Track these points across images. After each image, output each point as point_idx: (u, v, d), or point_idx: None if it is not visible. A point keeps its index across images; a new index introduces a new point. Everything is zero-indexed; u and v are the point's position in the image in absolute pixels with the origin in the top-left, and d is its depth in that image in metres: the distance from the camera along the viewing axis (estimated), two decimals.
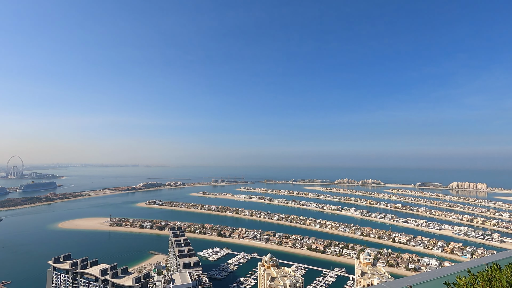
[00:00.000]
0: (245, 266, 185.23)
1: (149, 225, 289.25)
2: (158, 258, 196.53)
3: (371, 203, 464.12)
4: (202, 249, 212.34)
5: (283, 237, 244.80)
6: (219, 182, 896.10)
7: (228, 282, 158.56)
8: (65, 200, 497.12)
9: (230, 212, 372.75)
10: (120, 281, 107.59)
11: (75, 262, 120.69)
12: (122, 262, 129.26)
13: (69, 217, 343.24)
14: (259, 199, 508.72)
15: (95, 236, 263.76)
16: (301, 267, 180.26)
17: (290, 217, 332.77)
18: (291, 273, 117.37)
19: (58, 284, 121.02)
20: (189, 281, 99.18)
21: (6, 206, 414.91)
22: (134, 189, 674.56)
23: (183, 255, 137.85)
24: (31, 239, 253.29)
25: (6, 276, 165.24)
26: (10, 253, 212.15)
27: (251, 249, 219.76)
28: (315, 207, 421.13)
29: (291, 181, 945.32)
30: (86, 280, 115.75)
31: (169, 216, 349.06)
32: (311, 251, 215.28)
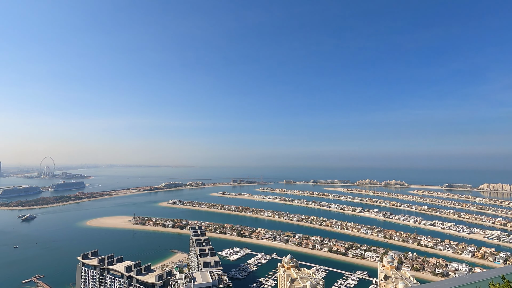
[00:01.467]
0: (264, 266, 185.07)
1: (171, 224, 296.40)
2: (179, 257, 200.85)
3: (394, 204, 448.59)
4: (222, 248, 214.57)
5: (303, 238, 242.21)
6: (239, 183, 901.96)
7: (248, 282, 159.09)
8: (93, 199, 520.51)
9: (249, 212, 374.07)
10: (143, 278, 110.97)
11: (102, 259, 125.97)
12: (145, 259, 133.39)
13: (96, 215, 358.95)
14: (279, 200, 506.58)
15: (120, 234, 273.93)
16: (321, 269, 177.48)
17: (310, 218, 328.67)
18: (312, 275, 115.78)
19: (87, 279, 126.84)
20: (209, 280, 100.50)
21: (40, 204, 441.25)
22: (156, 188, 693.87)
23: (204, 254, 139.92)
24: (61, 235, 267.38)
25: (40, 270, 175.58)
26: (43, 249, 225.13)
27: (271, 249, 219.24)
28: (335, 208, 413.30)
29: (311, 181, 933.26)
30: (112, 276, 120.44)
31: (190, 215, 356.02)
32: (332, 253, 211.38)
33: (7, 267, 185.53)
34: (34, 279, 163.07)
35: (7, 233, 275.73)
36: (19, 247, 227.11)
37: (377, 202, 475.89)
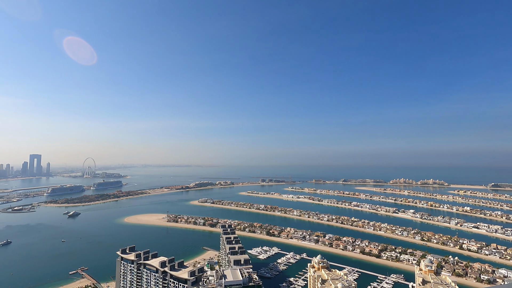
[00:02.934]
0: (294, 266, 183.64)
1: (201, 222, 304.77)
2: (210, 254, 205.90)
3: (432, 205, 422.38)
4: (252, 247, 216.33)
5: (334, 238, 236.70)
6: (267, 182, 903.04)
7: (277, 282, 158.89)
8: (129, 197, 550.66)
9: (278, 212, 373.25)
10: (177, 273, 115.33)
11: (139, 254, 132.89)
12: (178, 256, 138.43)
13: (133, 212, 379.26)
14: (308, 199, 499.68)
15: (154, 230, 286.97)
16: (353, 271, 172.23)
17: (341, 218, 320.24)
18: (343, 276, 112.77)
19: (125, 273, 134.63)
20: (240, 278, 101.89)
21: (83, 202, 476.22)
22: (187, 187, 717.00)
23: (234, 252, 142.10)
24: (102, 231, 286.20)
25: (84, 262, 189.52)
26: (86, 243, 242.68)
27: (300, 249, 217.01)
28: (368, 209, 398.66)
29: (341, 181, 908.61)
30: (148, 270, 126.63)
31: (220, 214, 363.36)
32: (364, 254, 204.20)
33: (56, 258, 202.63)
34: (80, 271, 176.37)
35: (56, 227, 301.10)
36: (66, 241, 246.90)
37: (413, 203, 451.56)
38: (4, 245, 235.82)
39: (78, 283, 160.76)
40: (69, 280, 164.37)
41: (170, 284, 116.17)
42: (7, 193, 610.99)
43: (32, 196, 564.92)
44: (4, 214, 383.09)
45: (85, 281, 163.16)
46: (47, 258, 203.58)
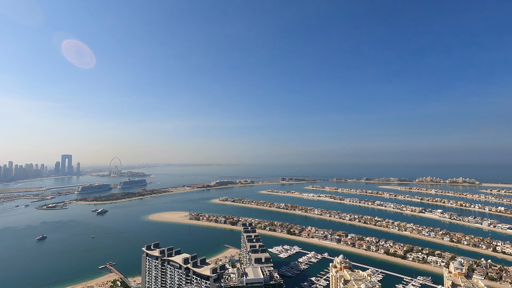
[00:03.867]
0: (315, 265, 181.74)
1: (222, 220, 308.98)
2: (231, 252, 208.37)
3: (462, 205, 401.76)
4: (272, 245, 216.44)
5: (356, 238, 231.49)
6: (287, 180, 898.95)
7: (299, 281, 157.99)
8: (153, 195, 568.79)
9: (299, 211, 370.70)
10: (199, 270, 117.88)
11: (163, 250, 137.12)
12: (200, 253, 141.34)
13: (157, 210, 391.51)
14: (329, 198, 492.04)
15: (177, 228, 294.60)
16: (377, 272, 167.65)
17: (364, 217, 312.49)
18: (367, 277, 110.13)
19: (150, 268, 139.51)
20: (261, 276, 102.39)
21: (110, 200, 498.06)
22: (208, 186, 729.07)
23: (255, 251, 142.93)
24: (128, 228, 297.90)
25: (112, 257, 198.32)
26: (114, 239, 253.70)
27: (322, 248, 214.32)
28: (392, 208, 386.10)
29: (364, 179, 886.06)
30: (172, 267, 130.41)
31: (240, 212, 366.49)
32: (389, 255, 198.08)
33: (87, 253, 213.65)
34: (108, 265, 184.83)
35: (86, 224, 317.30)
36: (95, 237, 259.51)
37: (441, 202, 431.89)
38: (40, 240, 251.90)
39: (107, 277, 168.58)
40: (98, 274, 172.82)
41: (193, 280, 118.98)
42: (42, 191, 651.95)
43: (64, 194, 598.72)
44: (40, 211, 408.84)
45: (113, 275, 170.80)
46: (78, 253, 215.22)
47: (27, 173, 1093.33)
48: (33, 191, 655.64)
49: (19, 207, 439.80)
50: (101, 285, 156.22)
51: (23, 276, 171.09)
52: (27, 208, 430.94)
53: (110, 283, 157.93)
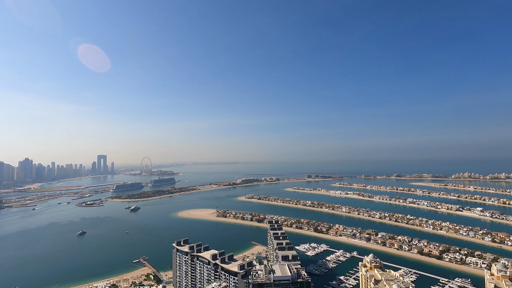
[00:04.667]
0: (344, 264, 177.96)
1: (249, 217, 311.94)
2: (258, 249, 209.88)
3: (506, 202, 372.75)
4: (299, 243, 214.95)
5: (387, 237, 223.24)
6: (313, 178, 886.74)
7: (327, 279, 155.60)
8: (182, 193, 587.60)
9: (326, 208, 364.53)
10: (227, 266, 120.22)
11: (192, 246, 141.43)
12: (228, 249, 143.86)
13: (186, 207, 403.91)
14: (357, 195, 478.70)
15: (205, 225, 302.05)
16: (410, 272, 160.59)
17: (395, 215, 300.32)
18: (399, 277, 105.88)
19: (181, 264, 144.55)
20: (288, 274, 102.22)
21: (142, 197, 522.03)
22: (234, 184, 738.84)
23: (281, 248, 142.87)
24: (159, 224, 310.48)
25: (145, 252, 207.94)
26: (146, 235, 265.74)
27: (350, 247, 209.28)
28: (425, 206, 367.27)
29: (394, 176, 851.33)
30: (201, 262, 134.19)
31: (266, 209, 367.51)
32: (423, 255, 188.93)
33: (122, 248, 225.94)
34: (142, 260, 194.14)
35: (120, 220, 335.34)
36: (130, 233, 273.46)
37: (481, 200, 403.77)
38: (80, 235, 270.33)
39: (141, 271, 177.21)
40: (133, 268, 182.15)
41: (221, 276, 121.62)
42: (81, 189, 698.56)
43: (100, 192, 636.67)
44: (80, 208, 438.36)
45: (146, 269, 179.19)
46: (114, 247, 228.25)
47: (68, 173, 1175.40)
48: (73, 189, 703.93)
49: (61, 204, 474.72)
50: (135, 278, 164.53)
51: (66, 267, 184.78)
52: (68, 205, 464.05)
53: (144, 277, 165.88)
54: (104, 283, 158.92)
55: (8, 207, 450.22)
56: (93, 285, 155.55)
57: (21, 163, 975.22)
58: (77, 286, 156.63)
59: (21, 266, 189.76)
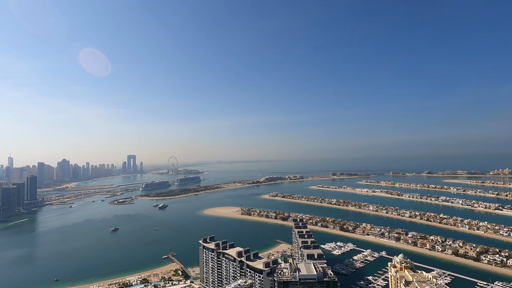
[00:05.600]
0: (372, 264, 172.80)
1: (273, 215, 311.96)
2: (283, 247, 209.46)
3: None
4: (325, 242, 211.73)
5: (418, 237, 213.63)
6: (338, 175, 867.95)
7: (354, 279, 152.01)
8: (207, 191, 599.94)
9: (352, 206, 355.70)
10: (253, 263, 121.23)
11: (218, 244, 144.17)
12: (252, 247, 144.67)
13: (211, 205, 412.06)
14: (385, 193, 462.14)
15: (230, 222, 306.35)
16: (444, 274, 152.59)
17: (426, 214, 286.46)
18: (432, 279, 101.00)
19: (207, 260, 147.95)
20: (314, 272, 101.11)
21: (170, 196, 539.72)
22: (258, 182, 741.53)
23: (307, 246, 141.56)
24: (186, 221, 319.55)
25: (173, 248, 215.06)
26: (174, 232, 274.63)
27: (378, 247, 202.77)
28: (460, 204, 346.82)
29: (425, 173, 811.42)
30: (226, 259, 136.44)
31: (290, 207, 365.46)
32: (458, 256, 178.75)
33: (151, 244, 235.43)
34: (170, 256, 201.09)
35: (150, 217, 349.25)
36: (158, 229, 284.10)
37: None
38: (113, 231, 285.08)
39: (170, 266, 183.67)
40: (162, 263, 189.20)
41: (247, 273, 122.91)
42: (113, 188, 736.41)
43: (131, 190, 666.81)
44: (112, 205, 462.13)
45: (174, 265, 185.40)
46: (144, 243, 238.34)
47: (101, 172, 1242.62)
48: (106, 188, 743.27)
49: (95, 202, 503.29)
50: (165, 273, 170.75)
51: (101, 262, 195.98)
52: (102, 203, 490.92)
53: (173, 272, 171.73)
54: (136, 277, 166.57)
55: (49, 205, 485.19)
56: (126, 279, 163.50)
57: (59, 163, 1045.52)
58: (112, 279, 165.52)
59: (61, 260, 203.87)
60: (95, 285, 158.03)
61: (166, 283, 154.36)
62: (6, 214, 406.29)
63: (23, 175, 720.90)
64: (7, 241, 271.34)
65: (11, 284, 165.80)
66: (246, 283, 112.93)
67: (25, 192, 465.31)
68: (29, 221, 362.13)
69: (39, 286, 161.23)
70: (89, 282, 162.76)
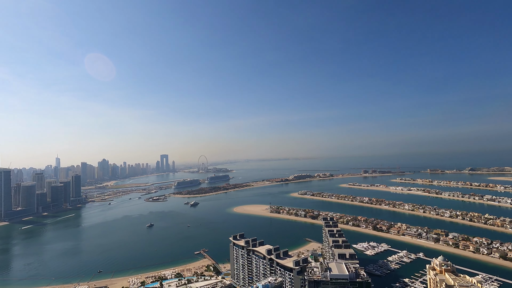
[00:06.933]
0: (408, 266, 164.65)
1: (302, 214, 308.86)
2: (313, 246, 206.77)
3: None
4: (357, 241, 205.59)
5: (460, 238, 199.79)
6: (370, 173, 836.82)
7: (389, 281, 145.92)
8: (236, 189, 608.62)
9: (385, 205, 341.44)
10: (282, 261, 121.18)
11: (248, 241, 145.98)
12: (282, 245, 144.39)
13: (240, 203, 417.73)
14: (421, 192, 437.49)
15: (259, 220, 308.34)
16: (491, 279, 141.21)
17: (469, 214, 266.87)
18: (476, 284, 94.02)
19: (237, 257, 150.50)
20: (346, 272, 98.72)
21: (200, 193, 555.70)
22: (287, 180, 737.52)
23: (338, 246, 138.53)
24: (216, 218, 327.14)
25: (204, 245, 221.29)
26: (205, 229, 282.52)
27: (415, 248, 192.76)
28: (509, 204, 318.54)
29: (467, 170, 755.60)
30: (256, 257, 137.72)
31: (320, 206, 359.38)
32: (507, 260, 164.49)
33: (184, 240, 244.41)
34: (202, 252, 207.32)
35: (182, 214, 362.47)
36: (190, 226, 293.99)
37: None
38: (149, 227, 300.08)
39: (202, 262, 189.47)
40: (194, 259, 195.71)
41: (277, 271, 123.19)
42: (148, 186, 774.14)
43: (164, 188, 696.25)
44: (148, 202, 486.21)
45: (206, 260, 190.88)
46: (178, 239, 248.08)
47: (136, 171, 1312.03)
48: (141, 186, 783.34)
49: (132, 199, 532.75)
50: (197, 269, 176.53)
51: (138, 256, 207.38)
52: (139, 200, 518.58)
53: (205, 268, 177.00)
54: (170, 271, 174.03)
55: (91, 202, 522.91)
56: (161, 273, 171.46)
57: (99, 163, 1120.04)
58: (148, 272, 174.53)
59: (103, 253, 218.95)
60: (134, 278, 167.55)
61: (198, 278, 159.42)
62: (55, 210, 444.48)
63: (68, 174, 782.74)
64: (57, 234, 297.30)
65: (61, 273, 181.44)
66: (276, 281, 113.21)
67: (70, 189, 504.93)
68: (75, 217, 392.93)
69: (84, 276, 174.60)
70: (128, 275, 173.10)
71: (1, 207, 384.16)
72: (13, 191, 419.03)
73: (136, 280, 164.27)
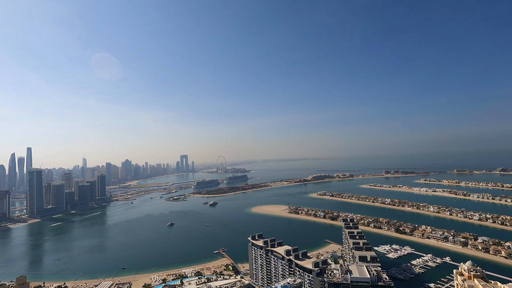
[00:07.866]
0: (434, 270, 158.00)
1: (322, 214, 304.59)
2: (333, 247, 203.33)
3: None
4: (378, 244, 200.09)
5: (490, 242, 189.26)
6: (392, 173, 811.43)
7: (413, 285, 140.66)
8: (254, 189, 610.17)
9: (408, 207, 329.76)
10: (301, 262, 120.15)
11: (266, 241, 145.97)
12: (301, 246, 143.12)
13: (258, 203, 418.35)
14: (448, 193, 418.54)
15: (278, 220, 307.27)
16: None
17: (500, 217, 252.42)
18: None
19: (256, 257, 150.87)
20: (367, 275, 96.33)
21: (219, 193, 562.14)
22: (305, 180, 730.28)
23: (358, 248, 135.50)
24: (235, 218, 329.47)
25: (223, 244, 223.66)
26: (224, 228, 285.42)
27: (441, 252, 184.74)
28: None
29: (498, 170, 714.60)
30: (275, 257, 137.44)
31: (340, 207, 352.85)
32: None
33: (203, 239, 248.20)
34: (221, 251, 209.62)
35: (201, 214, 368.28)
36: (210, 225, 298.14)
37: None
38: (170, 225, 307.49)
39: (221, 261, 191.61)
40: (214, 258, 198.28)
41: (295, 272, 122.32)
42: (168, 185, 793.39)
43: (184, 188, 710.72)
44: (169, 202, 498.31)
45: (225, 260, 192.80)
46: (197, 238, 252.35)
47: (157, 171, 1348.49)
48: (162, 185, 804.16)
49: (153, 198, 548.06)
50: (216, 268, 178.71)
51: (160, 253, 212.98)
52: (160, 199, 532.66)
53: (224, 267, 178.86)
54: (190, 269, 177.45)
55: (115, 200, 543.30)
56: (182, 271, 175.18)
57: (123, 163, 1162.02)
58: (169, 270, 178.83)
59: (127, 250, 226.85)
60: (155, 275, 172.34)
61: (218, 277, 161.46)
62: (82, 208, 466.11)
63: (94, 174, 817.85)
64: (84, 231, 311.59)
65: (88, 268, 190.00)
66: (295, 282, 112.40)
67: (96, 189, 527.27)
68: (100, 215, 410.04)
69: (109, 272, 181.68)
70: (150, 272, 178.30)
71: (34, 205, 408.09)
72: (44, 190, 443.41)
73: (157, 277, 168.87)
